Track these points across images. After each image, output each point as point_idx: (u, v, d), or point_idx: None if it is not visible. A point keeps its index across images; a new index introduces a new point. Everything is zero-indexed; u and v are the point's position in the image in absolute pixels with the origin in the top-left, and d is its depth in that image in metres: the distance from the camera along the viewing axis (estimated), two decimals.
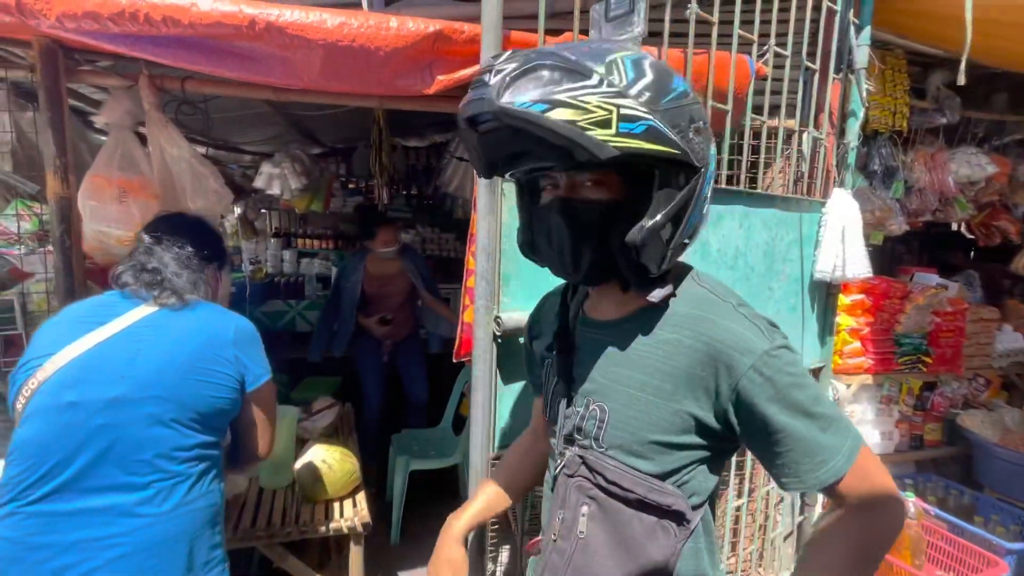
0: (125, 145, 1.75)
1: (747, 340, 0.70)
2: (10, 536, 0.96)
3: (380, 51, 1.12)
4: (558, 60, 0.62)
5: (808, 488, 0.72)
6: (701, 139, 0.70)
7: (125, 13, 1.01)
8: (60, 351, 1.02)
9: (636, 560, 0.73)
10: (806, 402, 0.70)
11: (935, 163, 2.78)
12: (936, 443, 2.79)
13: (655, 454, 0.73)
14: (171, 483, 1.03)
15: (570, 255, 0.72)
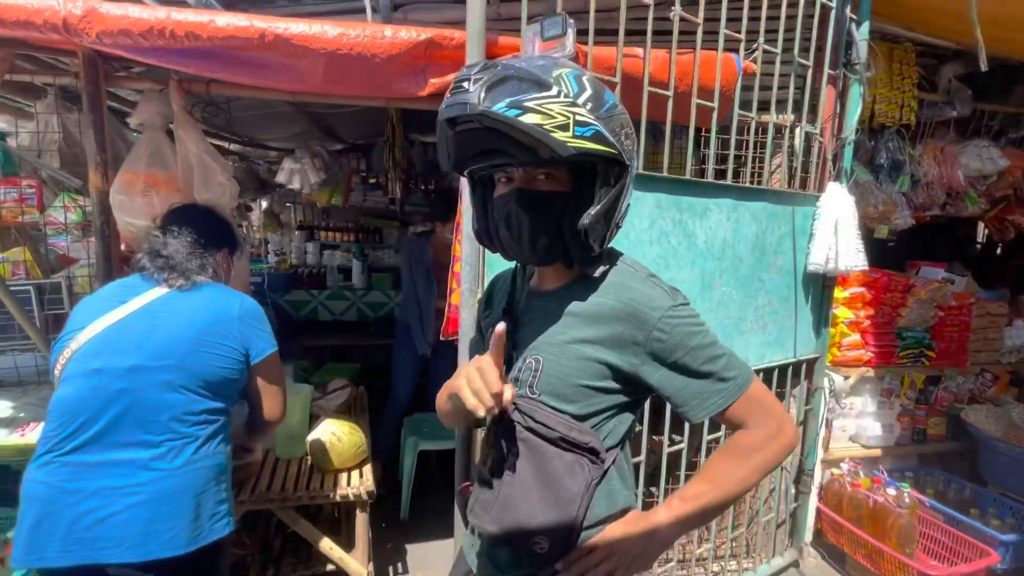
0: (155, 143, 1.92)
1: (655, 299, 0.84)
2: (48, 481, 1.11)
3: (376, 58, 1.24)
4: (524, 73, 0.74)
5: (703, 415, 0.86)
6: (629, 142, 0.82)
7: (153, 30, 1.15)
8: (90, 324, 1.17)
9: (556, 493, 0.83)
10: (703, 345, 0.84)
11: (944, 157, 2.76)
12: (939, 437, 2.78)
13: (580, 397, 0.85)
14: (181, 443, 1.17)
15: (528, 238, 0.83)
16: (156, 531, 1.11)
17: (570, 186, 0.82)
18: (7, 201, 1.80)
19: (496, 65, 0.76)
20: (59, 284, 1.81)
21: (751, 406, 0.86)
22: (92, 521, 1.09)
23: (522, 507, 0.85)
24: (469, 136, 0.77)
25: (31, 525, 1.09)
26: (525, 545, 0.85)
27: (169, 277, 1.24)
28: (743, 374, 0.87)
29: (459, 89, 0.74)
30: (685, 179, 1.73)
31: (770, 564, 2.34)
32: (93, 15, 1.15)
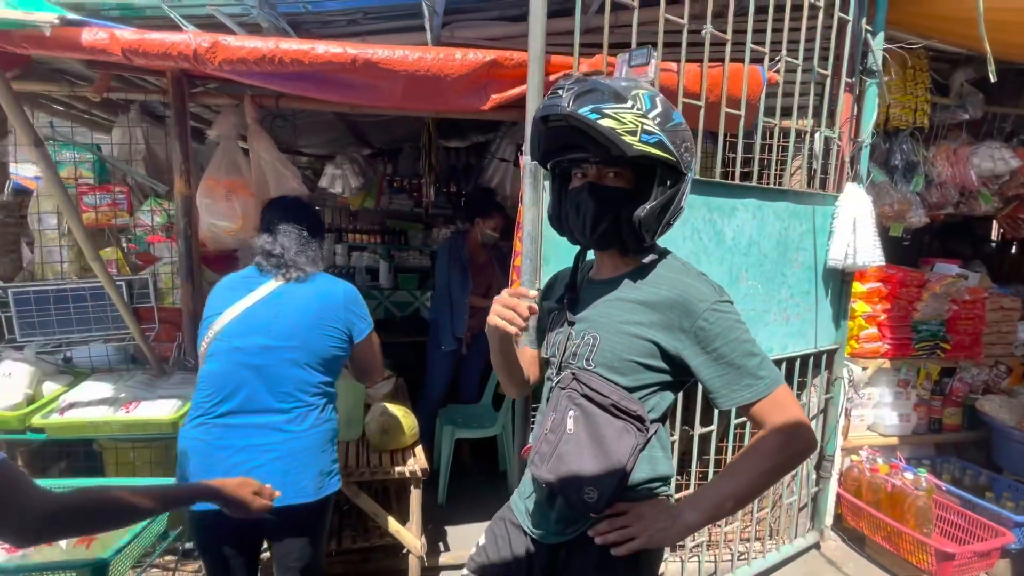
0: (231, 152, 2.12)
1: (704, 292, 0.97)
2: (203, 439, 1.34)
3: (448, 77, 1.41)
4: (607, 88, 0.91)
5: (732, 404, 0.96)
6: (689, 155, 0.97)
7: (265, 57, 1.35)
8: (226, 310, 1.39)
9: (605, 452, 0.96)
10: (742, 340, 0.96)
11: (957, 158, 2.88)
12: (955, 427, 2.89)
13: (630, 371, 0.98)
14: (306, 410, 1.40)
15: (591, 223, 0.99)
16: (291, 482, 1.34)
17: (633, 185, 0.98)
18: (102, 206, 2.00)
19: (587, 80, 0.94)
20: (146, 280, 2.01)
21: (776, 408, 0.95)
22: (241, 472, 1.30)
23: (576, 461, 0.97)
24: (557, 132, 0.95)
25: (192, 474, 1.33)
26: (576, 493, 0.97)
27: (286, 272, 1.45)
28: (773, 376, 0.96)
29: (555, 95, 0.93)
30: (714, 181, 1.88)
31: (792, 545, 2.47)
32: (217, 47, 1.34)
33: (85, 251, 1.74)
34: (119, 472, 2.11)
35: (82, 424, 1.74)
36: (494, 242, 3.10)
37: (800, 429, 0.95)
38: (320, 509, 1.42)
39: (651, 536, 0.97)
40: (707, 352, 0.95)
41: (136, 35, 1.34)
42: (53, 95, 2.14)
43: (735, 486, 0.96)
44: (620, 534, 0.97)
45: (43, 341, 2.00)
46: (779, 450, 0.94)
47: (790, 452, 0.95)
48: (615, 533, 0.98)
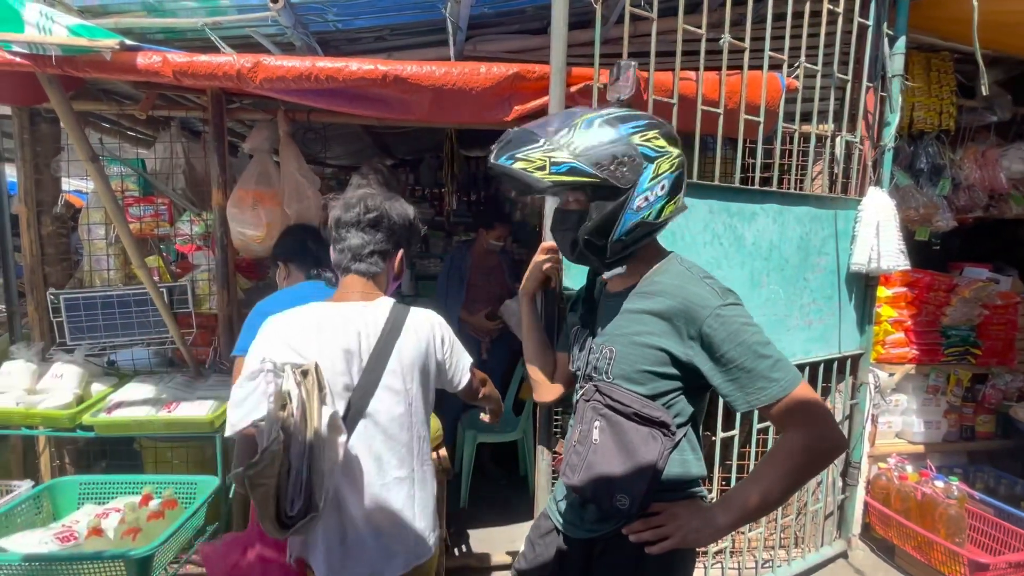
0: (263, 164, 2.22)
1: (706, 298, 0.99)
2: None
3: (473, 91, 1.48)
4: (520, 134, 1.00)
5: (747, 407, 0.96)
6: (625, 169, 0.98)
7: (302, 75, 1.44)
8: None
9: (634, 459, 0.99)
10: (751, 343, 0.95)
11: (986, 160, 2.83)
12: (988, 435, 2.82)
13: (646, 380, 1.02)
14: None
15: (560, 243, 1.09)
16: None
17: (587, 207, 1.03)
18: (145, 216, 2.12)
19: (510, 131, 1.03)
20: (185, 287, 2.12)
21: (795, 409, 0.94)
22: None
23: (605, 470, 1.01)
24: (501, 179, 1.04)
25: None
26: (608, 501, 1.01)
27: None
28: (788, 377, 0.95)
29: (489, 152, 1.04)
30: (734, 187, 1.90)
31: (819, 553, 2.44)
32: (259, 67, 1.44)
33: (133, 259, 1.85)
34: (158, 469, 2.21)
35: (128, 422, 1.84)
36: (500, 249, 3.13)
37: (824, 429, 0.94)
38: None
39: (684, 536, 0.99)
40: (715, 357, 0.97)
41: (185, 58, 1.44)
42: (103, 113, 2.28)
43: (761, 489, 0.96)
44: (654, 533, 1.00)
45: (91, 344, 2.12)
46: (801, 451, 0.94)
47: (813, 453, 0.94)
48: (649, 532, 1.00)
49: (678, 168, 1.03)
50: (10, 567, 1.43)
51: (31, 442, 2.22)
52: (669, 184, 1.01)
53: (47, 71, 1.46)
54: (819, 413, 0.95)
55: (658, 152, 1.00)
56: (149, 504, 1.75)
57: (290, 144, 2.16)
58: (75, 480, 1.93)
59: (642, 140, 0.99)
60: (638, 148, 0.99)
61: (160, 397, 1.93)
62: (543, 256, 1.35)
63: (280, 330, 1.09)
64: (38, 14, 1.39)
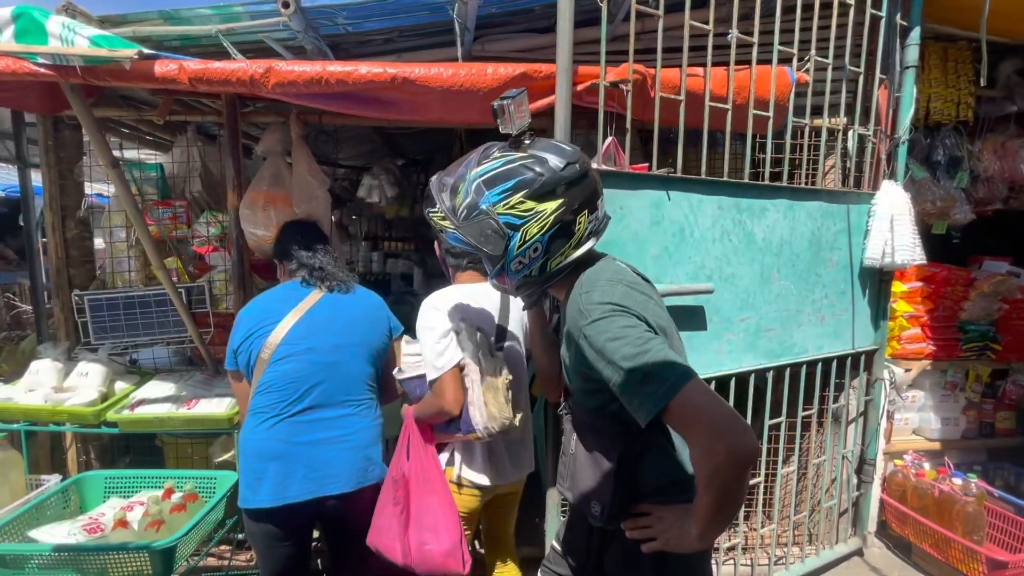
0: (275, 166, 2.26)
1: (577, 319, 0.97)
2: (280, 437, 1.44)
3: (480, 91, 1.50)
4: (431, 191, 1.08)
5: (643, 422, 0.87)
6: (491, 246, 1.02)
7: (313, 79, 1.47)
8: (281, 320, 1.49)
9: (599, 467, 1.04)
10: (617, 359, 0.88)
11: (1005, 151, 2.77)
12: (1009, 432, 2.76)
13: (589, 394, 1.04)
14: (369, 402, 1.55)
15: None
16: (362, 468, 1.49)
17: None
18: (164, 219, 2.18)
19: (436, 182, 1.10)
20: (203, 287, 2.18)
21: (678, 421, 0.86)
22: (320, 463, 1.43)
23: (581, 480, 1.08)
24: None
25: (275, 473, 1.42)
26: (585, 507, 1.07)
27: (331, 284, 1.59)
28: (661, 388, 0.84)
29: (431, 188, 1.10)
30: (743, 182, 1.89)
31: (833, 550, 2.42)
32: (271, 72, 1.48)
33: (152, 261, 1.90)
34: (179, 464, 2.28)
35: (149, 419, 1.90)
36: None
37: (712, 440, 0.82)
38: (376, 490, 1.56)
39: (667, 539, 0.99)
40: (600, 376, 0.93)
41: (200, 65, 1.48)
42: (123, 119, 2.35)
43: (702, 503, 0.89)
44: (641, 533, 1.04)
45: (114, 344, 2.19)
46: (700, 466, 0.87)
47: (709, 468, 0.84)
48: (637, 531, 1.04)
49: (553, 225, 1.00)
50: (41, 557, 1.49)
51: (59, 438, 2.30)
52: (544, 245, 1.01)
53: (70, 80, 1.51)
54: (707, 415, 0.84)
55: (523, 218, 0.99)
56: (171, 498, 1.81)
57: (302, 146, 2.20)
58: (101, 474, 1.99)
59: (505, 209, 0.99)
60: (500, 219, 0.99)
61: (180, 395, 1.99)
62: None
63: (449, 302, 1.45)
64: (60, 26, 1.44)
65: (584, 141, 2.58)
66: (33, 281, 2.73)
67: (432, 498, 1.45)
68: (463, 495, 1.51)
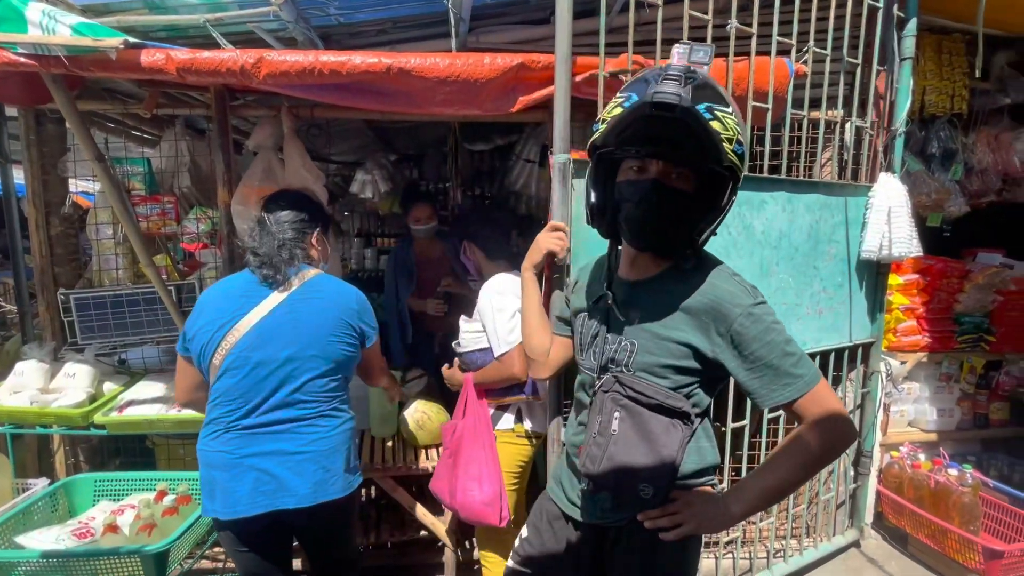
0: (267, 160, 2.21)
1: (737, 296, 0.98)
2: (226, 449, 1.34)
3: (478, 82, 1.46)
4: (714, 86, 0.91)
5: (772, 404, 0.98)
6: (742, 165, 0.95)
7: (305, 70, 1.42)
8: (240, 321, 1.35)
9: (656, 449, 0.99)
10: (779, 341, 0.96)
11: (999, 144, 2.78)
12: (1003, 422, 2.79)
13: (669, 374, 1.02)
14: (328, 411, 1.41)
15: (652, 222, 0.97)
16: (321, 481, 1.37)
17: (694, 189, 0.97)
18: (152, 216, 2.13)
19: (697, 75, 0.89)
20: (193, 285, 2.13)
21: (813, 404, 0.96)
22: (270, 476, 1.33)
23: (627, 461, 1.00)
24: (652, 121, 0.89)
25: (224, 485, 1.34)
26: (631, 491, 1.01)
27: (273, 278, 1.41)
28: (810, 373, 0.97)
29: (668, 82, 0.86)
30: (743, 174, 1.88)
31: (831, 543, 2.43)
32: (263, 62, 1.43)
33: (141, 258, 1.85)
34: (171, 466, 2.23)
35: (138, 421, 1.86)
36: (431, 234, 2.97)
37: (838, 422, 0.97)
38: (349, 504, 1.47)
39: (700, 523, 1.02)
40: (744, 356, 0.97)
41: (188, 54, 1.43)
42: (108, 113, 2.29)
43: (773, 479, 1.00)
44: (671, 519, 1.02)
45: (101, 343, 2.13)
46: (816, 443, 0.96)
47: (827, 445, 0.97)
48: (666, 519, 1.03)
49: None
50: (29, 564, 1.45)
51: (46, 441, 2.24)
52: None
53: (52, 71, 1.46)
54: (835, 408, 0.98)
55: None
56: (163, 500, 1.77)
57: (294, 140, 2.15)
58: (91, 477, 1.95)
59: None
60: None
61: (170, 395, 1.95)
62: (551, 234, 1.38)
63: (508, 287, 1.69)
64: (41, 13, 1.39)
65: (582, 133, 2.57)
66: (17, 280, 2.66)
67: (480, 451, 1.68)
68: (527, 446, 1.79)
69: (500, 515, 1.68)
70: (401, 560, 2.34)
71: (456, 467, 1.72)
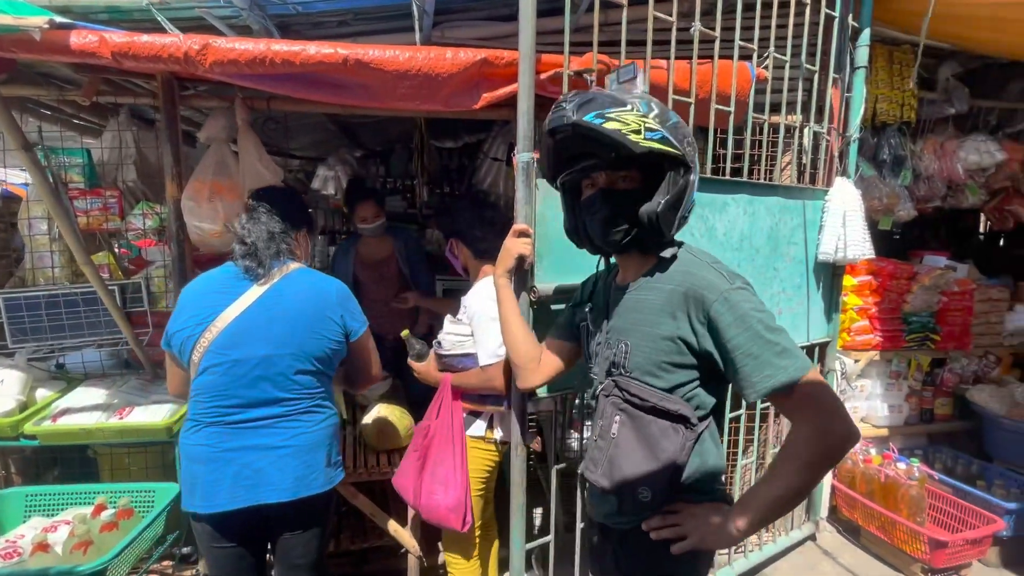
0: (220, 154, 2.10)
1: (712, 282, 0.97)
2: (208, 443, 1.34)
3: (440, 76, 1.42)
4: (605, 95, 0.97)
5: (757, 395, 0.92)
6: (691, 149, 1.00)
7: (256, 59, 1.34)
8: (217, 317, 1.35)
9: (653, 452, 0.98)
10: (758, 329, 0.92)
11: (944, 151, 2.92)
12: (947, 417, 2.93)
13: (663, 372, 0.99)
14: (310, 406, 1.41)
15: (608, 227, 1.03)
16: (303, 475, 1.37)
17: (642, 185, 1.01)
18: (93, 210, 1.99)
19: (586, 92, 1.01)
20: (139, 284, 2.00)
21: (803, 399, 0.90)
22: (251, 471, 1.33)
23: (627, 465, 1.00)
24: (564, 144, 1.02)
25: (205, 479, 1.33)
26: (630, 495, 1.00)
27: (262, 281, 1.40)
28: (797, 364, 0.90)
29: (559, 109, 0.98)
30: (705, 177, 1.89)
31: (788, 537, 2.49)
32: (209, 49, 1.34)
33: (77, 256, 1.73)
34: (114, 477, 2.10)
35: (75, 431, 1.73)
36: (379, 233, 2.78)
37: (831, 421, 0.90)
38: (328, 499, 1.48)
39: (702, 537, 0.98)
40: (722, 343, 0.94)
41: (125, 38, 1.33)
42: (41, 99, 2.13)
43: (776, 488, 0.93)
44: (672, 531, 1.00)
45: (35, 347, 1.98)
46: (809, 445, 0.90)
47: (822, 447, 0.90)
48: (668, 530, 1.00)
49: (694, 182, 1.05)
50: None
51: None
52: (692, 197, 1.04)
53: None
54: (827, 403, 0.91)
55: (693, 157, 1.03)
56: (102, 515, 1.65)
57: (249, 133, 2.05)
58: (20, 492, 1.81)
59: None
60: None
61: (111, 402, 1.83)
62: (517, 238, 1.38)
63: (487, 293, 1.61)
64: None
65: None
66: None
67: (450, 455, 1.66)
68: (494, 453, 1.76)
69: (464, 520, 1.66)
70: (363, 568, 2.27)
71: (424, 469, 1.69)
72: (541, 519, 2.59)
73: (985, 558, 2.37)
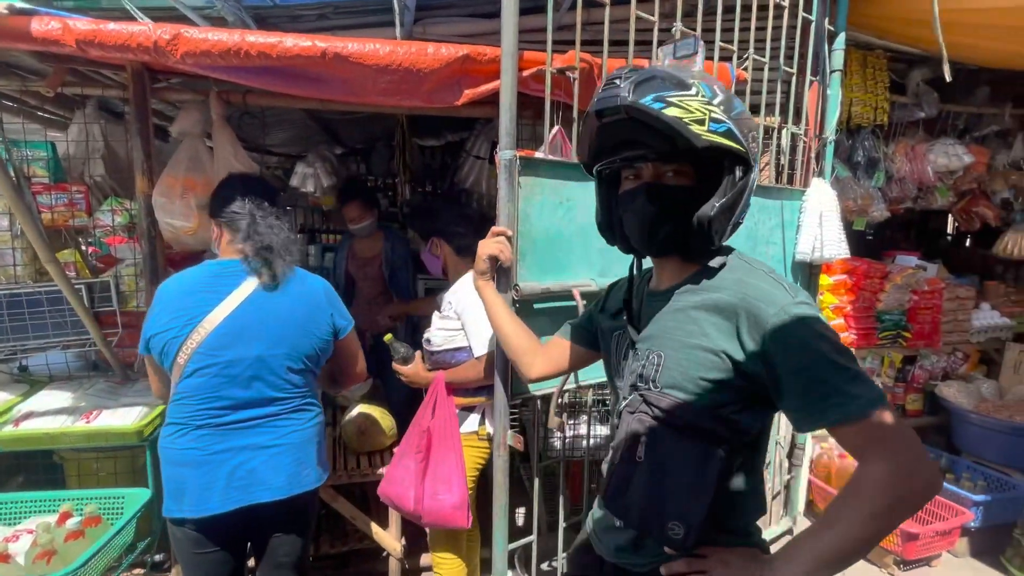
0: (193, 149, 2.04)
1: (773, 295, 0.81)
2: (197, 446, 1.30)
3: (420, 72, 1.39)
4: (667, 74, 0.82)
5: (810, 427, 0.78)
6: (755, 145, 0.87)
7: (230, 51, 1.30)
8: (205, 318, 1.30)
9: (687, 480, 0.83)
10: (825, 350, 0.76)
11: (915, 154, 3.00)
12: (917, 412, 3.02)
13: (701, 389, 0.84)
14: (301, 404, 1.41)
15: (652, 228, 0.88)
16: (295, 472, 1.36)
17: (695, 183, 0.87)
18: (58, 206, 1.91)
19: (644, 68, 0.85)
20: (108, 283, 1.93)
21: (875, 435, 0.75)
22: (244, 471, 1.31)
23: (654, 493, 0.85)
24: (612, 129, 0.85)
25: (195, 483, 1.29)
26: (659, 529, 0.85)
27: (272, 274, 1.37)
28: (869, 395, 0.75)
29: (611, 86, 0.83)
30: None
31: (768, 532, 2.53)
32: (180, 39, 1.29)
33: (40, 253, 1.65)
34: (82, 483, 2.02)
35: (38, 436, 1.66)
36: (369, 232, 2.88)
37: (913, 463, 0.73)
38: (315, 496, 1.49)
39: None
40: (781, 364, 0.79)
41: (91, 25, 1.27)
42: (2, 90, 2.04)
43: (836, 538, 0.75)
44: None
45: None
46: (883, 490, 0.73)
47: (899, 492, 0.73)
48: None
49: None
50: None
51: None
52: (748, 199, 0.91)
53: None
54: (907, 440, 0.75)
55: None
56: (67, 523, 1.58)
57: (224, 128, 2.00)
58: None
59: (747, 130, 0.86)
60: None
61: (78, 405, 1.76)
62: (491, 239, 1.35)
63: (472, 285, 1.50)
64: None
65: (531, 130, 2.54)
66: None
67: (450, 453, 1.64)
68: (486, 448, 1.74)
69: (467, 517, 1.66)
70: (343, 571, 2.23)
71: (426, 471, 1.65)
72: (524, 519, 2.58)
73: (954, 549, 2.45)
